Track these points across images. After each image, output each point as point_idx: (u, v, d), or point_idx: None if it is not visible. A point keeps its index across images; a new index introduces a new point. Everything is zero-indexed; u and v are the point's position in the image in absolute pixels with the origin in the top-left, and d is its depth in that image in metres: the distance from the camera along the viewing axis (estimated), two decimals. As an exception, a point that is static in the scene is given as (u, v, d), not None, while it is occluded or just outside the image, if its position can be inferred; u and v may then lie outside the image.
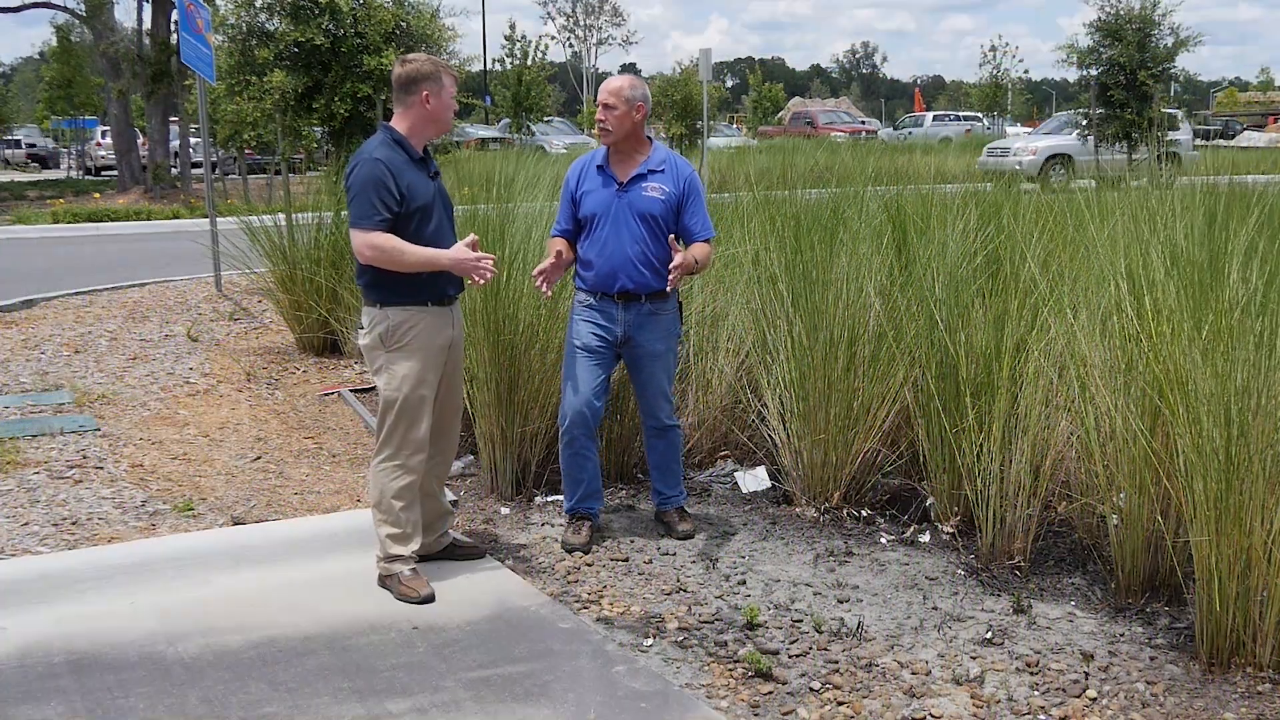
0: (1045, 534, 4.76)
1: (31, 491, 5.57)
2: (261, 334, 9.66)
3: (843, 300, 5.16)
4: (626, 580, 4.52)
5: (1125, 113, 15.83)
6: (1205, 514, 3.65)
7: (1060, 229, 5.69)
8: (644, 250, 4.69)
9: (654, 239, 4.71)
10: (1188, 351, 3.82)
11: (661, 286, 4.69)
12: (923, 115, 45.45)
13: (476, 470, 5.82)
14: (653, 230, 4.70)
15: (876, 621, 4.13)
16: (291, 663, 3.76)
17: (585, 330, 4.78)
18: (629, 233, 4.67)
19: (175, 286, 12.23)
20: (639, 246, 4.68)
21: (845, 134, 35.96)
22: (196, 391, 7.65)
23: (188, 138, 26.07)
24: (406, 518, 4.31)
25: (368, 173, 4.17)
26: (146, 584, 4.40)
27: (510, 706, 3.49)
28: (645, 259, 4.69)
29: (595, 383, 4.78)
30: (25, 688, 3.59)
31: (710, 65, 20.92)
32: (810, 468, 5.20)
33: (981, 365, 4.64)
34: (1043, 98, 63.46)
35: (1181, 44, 16.15)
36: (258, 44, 10.46)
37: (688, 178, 4.78)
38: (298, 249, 8.81)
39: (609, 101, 4.66)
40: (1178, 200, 5.27)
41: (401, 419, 4.27)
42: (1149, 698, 3.57)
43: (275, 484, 5.80)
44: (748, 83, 52.59)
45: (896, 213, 6.12)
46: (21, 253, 15.95)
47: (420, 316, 4.26)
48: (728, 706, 3.54)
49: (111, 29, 24.49)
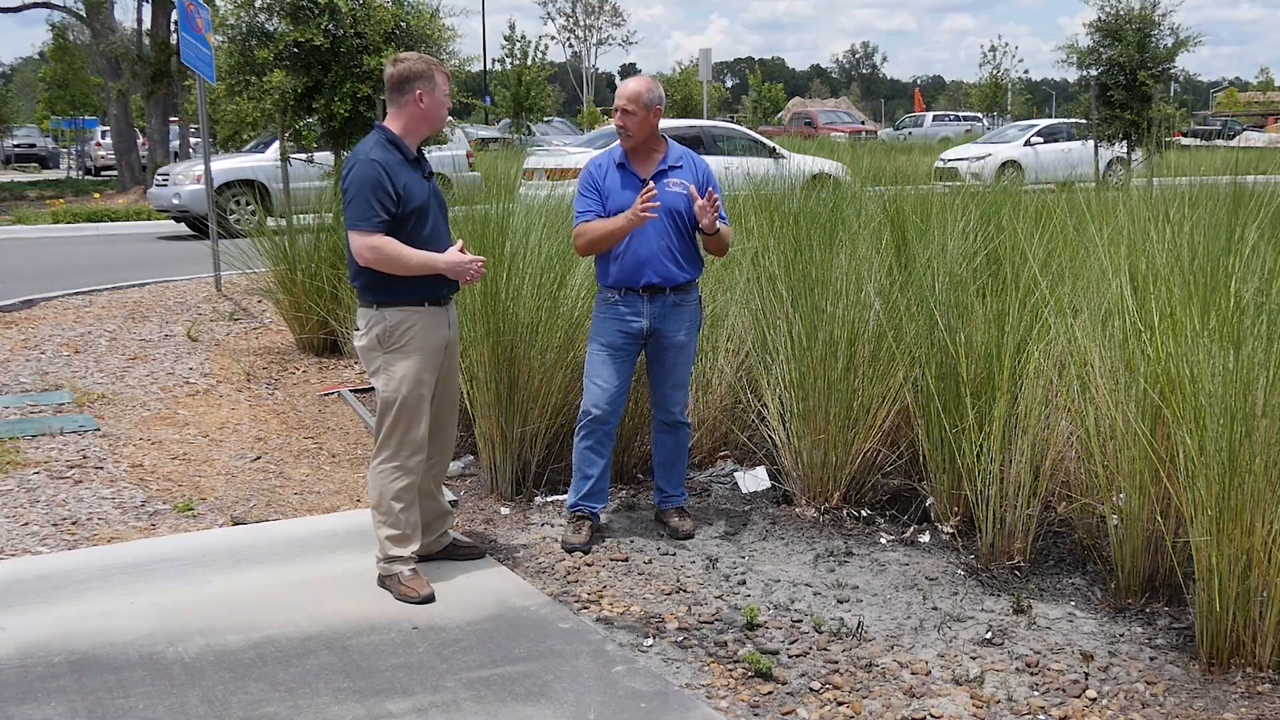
0: (1045, 534, 4.76)
1: (31, 491, 5.57)
2: (261, 334, 9.67)
3: (843, 300, 5.16)
4: (626, 580, 4.52)
5: (1125, 113, 15.81)
6: (1206, 514, 3.65)
7: (1061, 228, 5.68)
8: (669, 244, 4.78)
9: (678, 233, 4.81)
10: (1190, 350, 3.82)
11: (686, 279, 4.82)
12: (922, 115, 45.47)
13: (476, 470, 5.82)
14: (677, 225, 4.80)
15: (876, 621, 4.13)
16: (291, 663, 3.76)
17: (611, 328, 4.83)
18: (654, 228, 4.73)
19: (175, 287, 12.23)
20: (664, 241, 4.77)
21: (845, 134, 35.96)
22: (196, 391, 7.65)
23: (187, 138, 26.09)
24: (406, 519, 4.31)
25: (365, 174, 4.17)
26: (146, 584, 4.40)
27: (510, 706, 3.49)
28: (670, 253, 4.78)
29: (619, 380, 4.85)
30: (25, 688, 3.58)
31: (710, 65, 20.96)
32: (810, 468, 5.20)
33: (981, 365, 4.64)
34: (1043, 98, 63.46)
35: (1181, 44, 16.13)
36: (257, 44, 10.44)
37: (704, 171, 4.91)
38: (298, 249, 8.82)
39: (628, 107, 4.74)
40: (1182, 200, 5.27)
41: (400, 420, 4.27)
42: (1149, 698, 3.57)
43: (275, 484, 5.80)
44: (747, 83, 52.61)
45: (896, 212, 6.12)
46: (21, 253, 15.95)
47: (417, 317, 4.26)
48: (728, 706, 3.54)
49: (111, 29, 24.49)
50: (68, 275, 13.06)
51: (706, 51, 21.19)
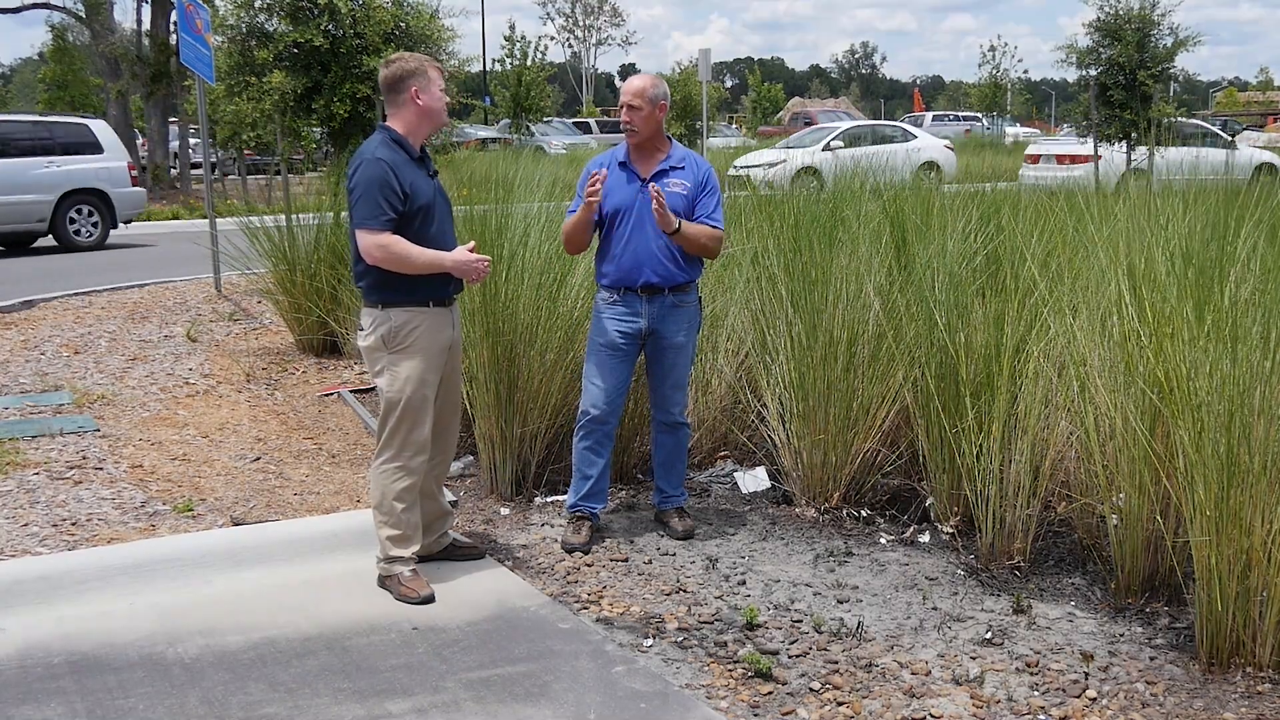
0: (1045, 534, 4.76)
1: (31, 492, 5.57)
2: (261, 335, 9.66)
3: (842, 300, 5.16)
4: (626, 580, 4.52)
5: (1125, 113, 15.83)
6: (1205, 514, 3.65)
7: (1060, 228, 5.69)
8: (667, 244, 4.76)
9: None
10: (1188, 351, 3.82)
11: (684, 279, 4.80)
12: (922, 115, 45.44)
13: (476, 471, 5.82)
14: None
15: (876, 622, 4.13)
16: (291, 663, 3.76)
17: (609, 328, 4.82)
18: (653, 227, 4.73)
19: (175, 287, 12.23)
20: (662, 240, 4.75)
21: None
22: (196, 392, 7.65)
23: (187, 138, 26.10)
24: (407, 519, 4.31)
25: (372, 173, 4.17)
26: (146, 584, 4.40)
27: (510, 707, 3.49)
28: (669, 252, 4.76)
29: (619, 380, 4.85)
30: (25, 688, 3.58)
31: (709, 65, 20.95)
32: (810, 468, 5.20)
33: (981, 365, 4.64)
34: (1042, 98, 63.49)
35: (1181, 44, 16.15)
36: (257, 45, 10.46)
37: (706, 172, 4.89)
38: (297, 250, 8.82)
39: (634, 103, 4.74)
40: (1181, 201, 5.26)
41: (404, 420, 4.27)
42: (1149, 698, 3.57)
43: (275, 484, 5.80)
44: (747, 83, 52.62)
45: (895, 213, 6.12)
46: (21, 253, 15.94)
47: (422, 317, 4.26)
48: (727, 707, 3.54)
49: (110, 29, 24.50)
50: (67, 276, 13.06)
51: (706, 51, 21.18)
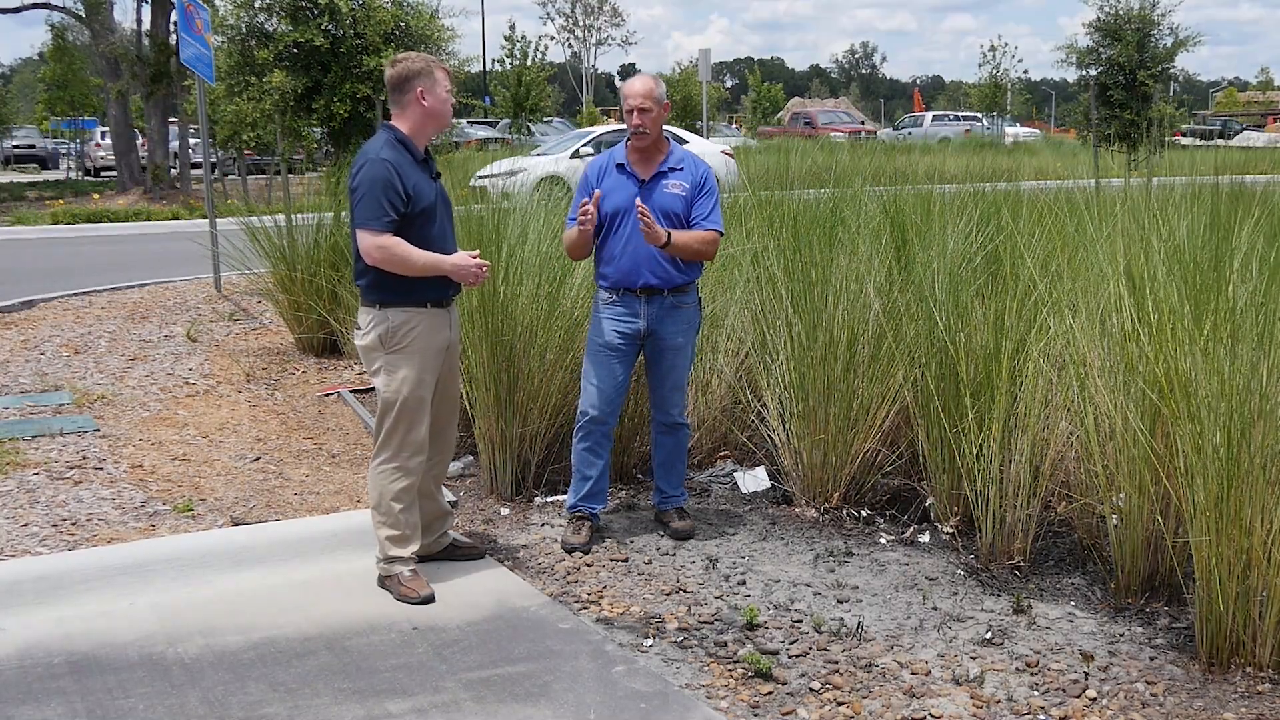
0: (1045, 534, 4.76)
1: (31, 492, 5.57)
2: (261, 335, 9.66)
3: (842, 300, 5.16)
4: (626, 580, 4.52)
5: (1125, 113, 15.84)
6: (1205, 514, 3.65)
7: (1060, 228, 5.68)
8: None
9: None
10: (1188, 351, 3.82)
11: (683, 280, 4.80)
12: (922, 115, 45.46)
13: (476, 471, 5.82)
14: (674, 226, 4.76)
15: (876, 621, 4.13)
16: (291, 663, 3.76)
17: (608, 328, 4.82)
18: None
19: (175, 287, 12.23)
20: None
21: (844, 134, 35.95)
22: (196, 392, 7.65)
23: (187, 138, 26.06)
24: (406, 519, 4.31)
25: (376, 173, 4.16)
26: (146, 584, 4.40)
27: (510, 707, 3.49)
28: (667, 254, 4.74)
29: (617, 380, 4.85)
30: (25, 688, 3.59)
31: (709, 65, 20.97)
32: (810, 468, 5.20)
33: (981, 365, 4.64)
34: (1042, 98, 63.48)
35: (1181, 44, 16.16)
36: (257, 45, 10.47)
37: (704, 173, 4.88)
38: (297, 250, 8.82)
39: (644, 106, 4.72)
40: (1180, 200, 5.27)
41: (401, 420, 4.26)
42: (1149, 698, 3.57)
43: (275, 484, 5.80)
44: (747, 83, 52.61)
45: (895, 213, 6.12)
46: (21, 253, 15.95)
47: (420, 318, 4.26)
48: (727, 707, 3.54)
49: (110, 29, 24.48)
50: (67, 276, 13.05)
51: (706, 51, 21.19)
